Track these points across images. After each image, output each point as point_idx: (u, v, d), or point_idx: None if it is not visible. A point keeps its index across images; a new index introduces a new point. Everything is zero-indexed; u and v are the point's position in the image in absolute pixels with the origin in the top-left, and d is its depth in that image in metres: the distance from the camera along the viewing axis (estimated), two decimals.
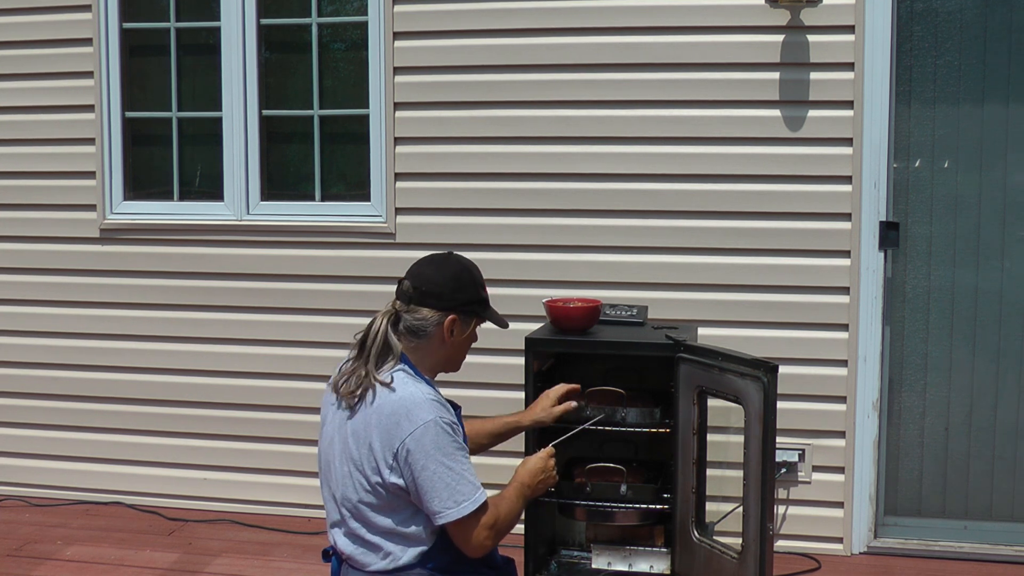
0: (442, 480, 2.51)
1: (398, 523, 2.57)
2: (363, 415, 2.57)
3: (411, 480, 2.52)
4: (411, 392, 2.56)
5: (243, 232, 4.68)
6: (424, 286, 2.66)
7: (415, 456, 2.50)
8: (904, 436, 4.28)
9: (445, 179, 4.48)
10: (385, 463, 2.53)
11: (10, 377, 4.96)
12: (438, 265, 2.72)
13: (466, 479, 2.54)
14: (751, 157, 4.22)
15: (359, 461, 2.56)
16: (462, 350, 2.76)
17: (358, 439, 2.57)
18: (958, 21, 4.14)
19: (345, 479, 2.60)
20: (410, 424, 2.51)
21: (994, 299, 4.19)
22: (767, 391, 3.04)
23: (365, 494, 2.57)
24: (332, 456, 2.65)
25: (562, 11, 4.32)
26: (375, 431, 2.54)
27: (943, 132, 4.18)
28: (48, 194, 4.86)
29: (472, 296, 2.71)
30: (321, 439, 2.75)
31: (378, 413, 2.54)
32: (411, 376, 2.62)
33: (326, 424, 2.72)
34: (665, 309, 4.20)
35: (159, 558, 4.25)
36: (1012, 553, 4.16)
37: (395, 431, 2.52)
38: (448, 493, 2.52)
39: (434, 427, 2.52)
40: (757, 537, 3.10)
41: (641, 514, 3.54)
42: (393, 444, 2.51)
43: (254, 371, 4.71)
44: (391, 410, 2.53)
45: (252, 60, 4.63)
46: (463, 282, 2.71)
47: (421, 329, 2.66)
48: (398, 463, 2.52)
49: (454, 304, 2.67)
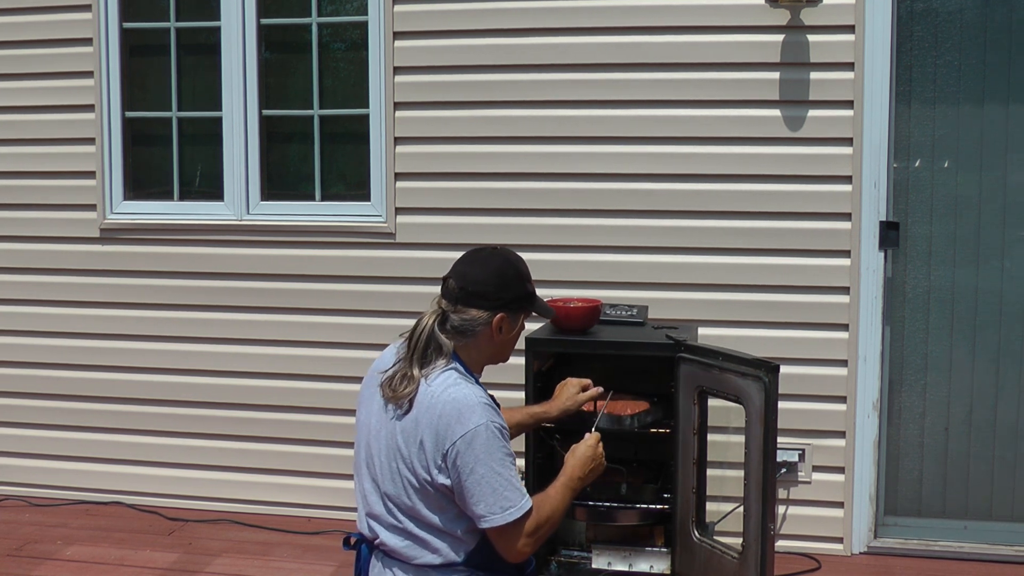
0: (489, 485, 2.49)
1: (445, 521, 2.56)
2: (414, 414, 2.54)
3: (457, 482, 2.50)
4: (464, 394, 2.53)
5: (243, 232, 4.68)
6: (470, 286, 2.62)
7: (464, 459, 2.48)
8: (904, 436, 4.28)
9: (445, 179, 4.48)
10: (434, 463, 2.51)
11: (10, 377, 4.96)
12: (483, 263, 2.67)
13: (513, 485, 2.53)
14: (751, 157, 4.22)
15: (408, 459, 2.54)
16: (511, 343, 2.73)
17: (408, 437, 2.55)
18: (958, 21, 4.14)
19: (394, 475, 2.57)
20: (461, 427, 2.49)
21: (994, 299, 4.19)
22: (768, 391, 3.04)
23: (414, 492, 2.55)
24: (378, 450, 2.61)
25: (562, 11, 4.32)
26: (426, 431, 2.52)
27: (943, 132, 4.18)
28: (48, 194, 4.85)
29: (518, 292, 2.68)
30: (360, 429, 2.70)
31: (430, 413, 2.52)
32: (462, 376, 2.59)
33: (370, 417, 2.66)
34: (665, 309, 4.20)
35: (159, 558, 4.25)
36: (1012, 553, 4.16)
37: (446, 432, 2.50)
38: (494, 499, 2.50)
39: (485, 431, 2.50)
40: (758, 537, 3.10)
41: (641, 514, 3.54)
42: (443, 445, 2.50)
43: (254, 371, 4.71)
44: (443, 411, 2.51)
45: (252, 60, 4.63)
46: (508, 278, 2.67)
47: (469, 329, 2.63)
48: (447, 464, 2.50)
49: (501, 303, 2.64)
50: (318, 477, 4.68)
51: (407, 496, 2.56)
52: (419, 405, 2.54)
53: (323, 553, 4.30)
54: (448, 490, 2.53)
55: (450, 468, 2.50)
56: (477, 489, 2.49)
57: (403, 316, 4.54)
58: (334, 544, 4.40)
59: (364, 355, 4.58)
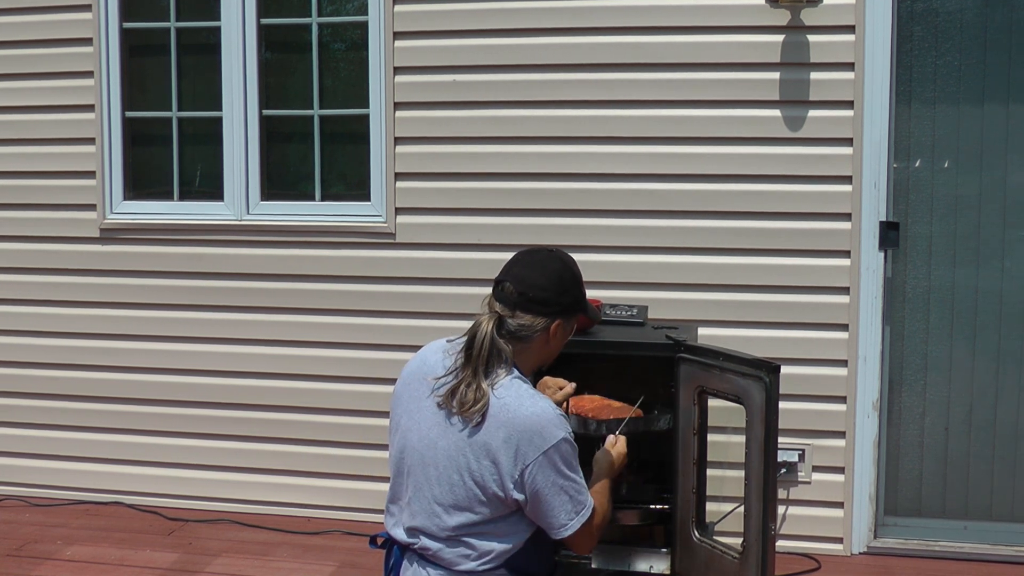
0: (567, 493, 2.51)
1: (500, 531, 2.55)
2: (487, 428, 2.49)
3: (534, 495, 2.49)
4: (543, 407, 2.50)
5: (243, 232, 4.67)
6: (530, 292, 2.56)
7: (546, 473, 2.48)
8: (904, 436, 4.28)
9: (445, 179, 4.48)
10: (511, 478, 2.48)
11: (10, 377, 4.96)
12: (542, 267, 2.61)
13: (583, 487, 2.56)
14: (751, 157, 4.22)
15: (478, 473, 2.49)
16: (560, 347, 2.70)
17: (479, 451, 2.49)
18: (958, 21, 4.14)
19: (455, 487, 2.52)
20: (544, 442, 2.47)
21: (994, 299, 4.19)
22: (769, 391, 3.04)
23: (479, 505, 2.51)
24: (435, 460, 2.54)
25: (562, 11, 4.32)
26: (504, 446, 2.47)
27: (943, 132, 4.18)
28: (48, 194, 4.85)
29: (576, 296, 2.66)
30: (406, 435, 2.61)
31: (508, 428, 2.47)
32: (526, 384, 2.55)
33: (421, 424, 2.58)
34: (665, 309, 4.20)
35: (159, 558, 4.25)
36: (1012, 553, 4.16)
37: (527, 447, 2.46)
38: (572, 505, 2.53)
39: (566, 444, 2.50)
40: (759, 537, 3.09)
41: (641, 514, 3.54)
42: (525, 460, 2.47)
43: (254, 371, 4.71)
44: (524, 426, 2.47)
45: (252, 60, 4.63)
46: (567, 284, 2.63)
47: (526, 336, 2.58)
48: (523, 480, 2.48)
49: (559, 308, 2.60)
50: (318, 477, 4.68)
51: (469, 508, 2.52)
52: (493, 419, 2.48)
53: (323, 553, 4.30)
54: (517, 504, 2.52)
55: (527, 483, 2.48)
56: (558, 500, 2.51)
57: (403, 316, 4.55)
58: (334, 544, 4.40)
59: (364, 355, 4.58)
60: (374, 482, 4.58)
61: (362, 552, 4.28)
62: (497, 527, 2.55)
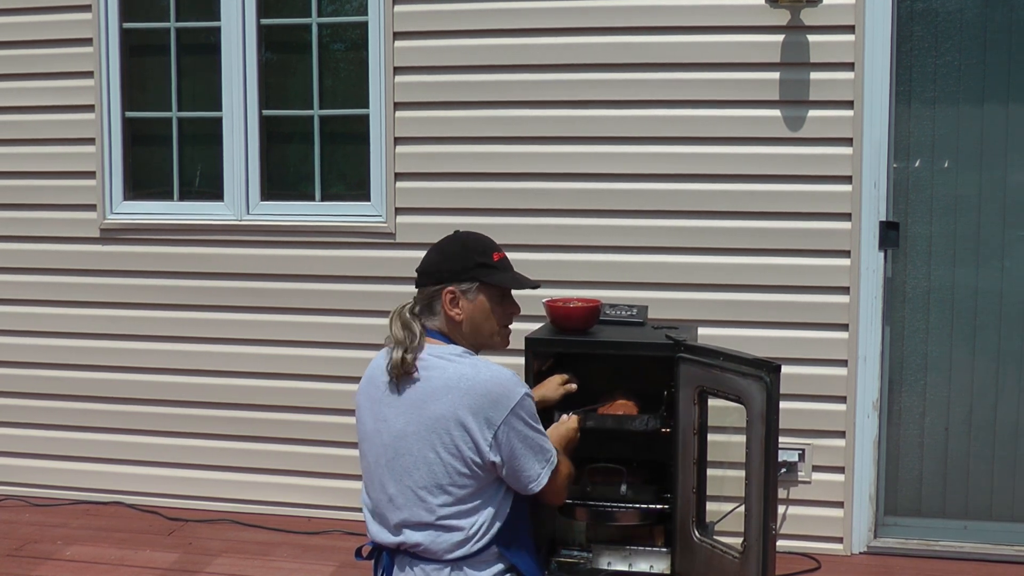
0: (538, 444, 2.64)
1: (480, 502, 2.61)
2: (451, 399, 2.57)
3: (510, 454, 2.59)
4: (498, 370, 2.62)
5: (243, 232, 4.68)
6: (422, 267, 2.77)
7: (517, 430, 2.59)
8: (904, 436, 4.28)
9: (445, 179, 4.48)
10: (486, 441, 2.56)
11: (10, 377, 4.96)
12: (437, 245, 2.80)
13: (547, 439, 2.70)
14: (751, 157, 4.22)
15: (452, 445, 2.57)
16: (484, 322, 2.73)
17: (449, 423, 2.57)
18: (958, 21, 4.14)
19: (432, 466, 2.58)
20: (509, 400, 2.58)
21: (994, 299, 4.19)
22: (769, 391, 3.04)
23: (460, 477, 2.58)
24: (407, 447, 2.60)
25: (562, 11, 4.32)
26: (468, 411, 2.56)
27: (943, 132, 4.18)
28: (48, 194, 4.86)
29: (465, 263, 2.72)
30: (371, 436, 2.69)
31: (472, 394, 2.56)
32: (475, 356, 2.68)
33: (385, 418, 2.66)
34: (665, 309, 4.20)
35: (159, 558, 4.25)
36: (1012, 553, 4.16)
37: (495, 409, 2.56)
38: (542, 455, 2.65)
39: (528, 399, 2.62)
40: (759, 537, 3.09)
41: (641, 514, 3.54)
42: (494, 421, 2.56)
43: (254, 371, 4.71)
44: (486, 389, 2.57)
45: (252, 60, 4.64)
46: (449, 252, 2.75)
47: (430, 308, 2.73)
48: (497, 440, 2.57)
49: (447, 275, 2.72)
50: (318, 477, 4.68)
51: (451, 483, 2.58)
52: (455, 390, 2.57)
53: (323, 553, 4.30)
54: (495, 468, 2.60)
55: (502, 443, 2.58)
56: (530, 452, 2.62)
57: None
58: (334, 544, 4.40)
59: (364, 355, 4.57)
60: None
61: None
62: (481, 501, 2.61)
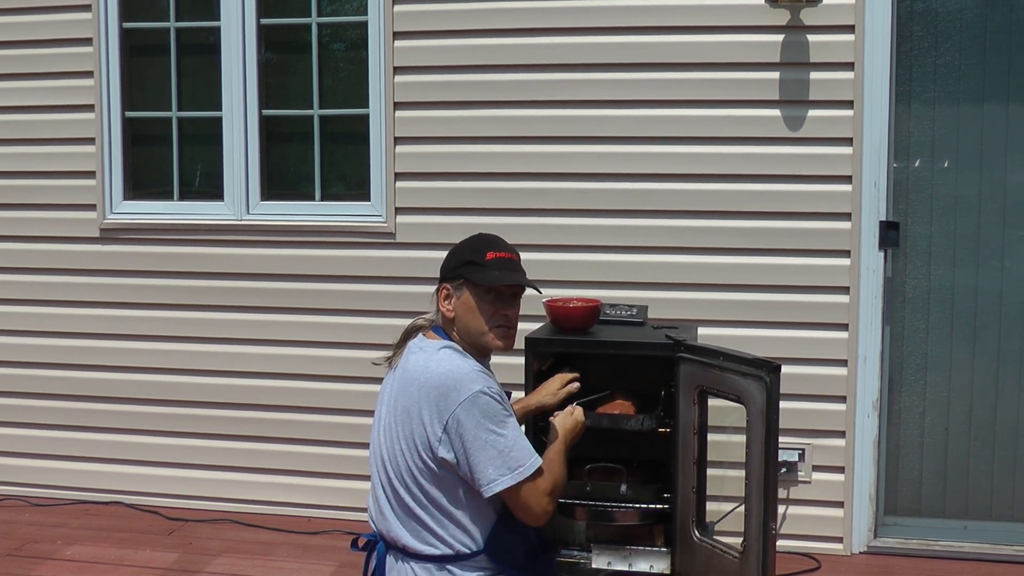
0: (494, 447, 2.52)
1: (450, 503, 2.58)
2: (413, 392, 2.59)
3: (461, 451, 2.53)
4: (458, 365, 2.59)
5: (243, 232, 4.68)
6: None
7: (465, 426, 2.51)
8: (904, 436, 4.28)
9: (445, 179, 4.48)
10: (435, 436, 2.54)
11: (10, 377, 4.96)
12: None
13: (520, 445, 2.56)
14: (751, 157, 4.22)
15: (410, 438, 2.58)
16: (471, 319, 2.70)
17: (409, 416, 2.59)
18: (958, 21, 4.14)
19: (399, 458, 2.61)
20: (458, 395, 2.53)
21: (994, 299, 4.19)
22: (769, 391, 3.04)
23: (418, 472, 2.58)
24: (388, 437, 2.65)
25: (562, 11, 4.32)
26: (424, 405, 2.56)
27: (943, 132, 4.18)
28: (48, 194, 4.85)
29: (457, 261, 2.74)
30: (376, 423, 2.77)
31: (427, 387, 2.57)
32: (458, 353, 2.66)
33: (380, 408, 2.75)
34: (665, 309, 4.20)
35: (159, 558, 4.25)
36: (1012, 553, 4.16)
37: (444, 403, 2.54)
38: (502, 460, 2.52)
39: (484, 396, 2.54)
40: (760, 536, 3.10)
41: (641, 514, 3.54)
42: (443, 416, 2.53)
43: (254, 371, 4.71)
44: (439, 383, 2.56)
45: (252, 60, 4.64)
46: (452, 251, 2.79)
47: (434, 306, 2.77)
48: (448, 435, 2.53)
49: (442, 273, 2.76)
50: (318, 477, 4.68)
51: (412, 479, 2.58)
52: (414, 382, 2.59)
53: (323, 553, 4.30)
54: (450, 465, 2.55)
55: (452, 438, 2.53)
56: (483, 454, 2.51)
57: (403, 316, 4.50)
58: (334, 544, 4.40)
59: (364, 355, 4.57)
60: None
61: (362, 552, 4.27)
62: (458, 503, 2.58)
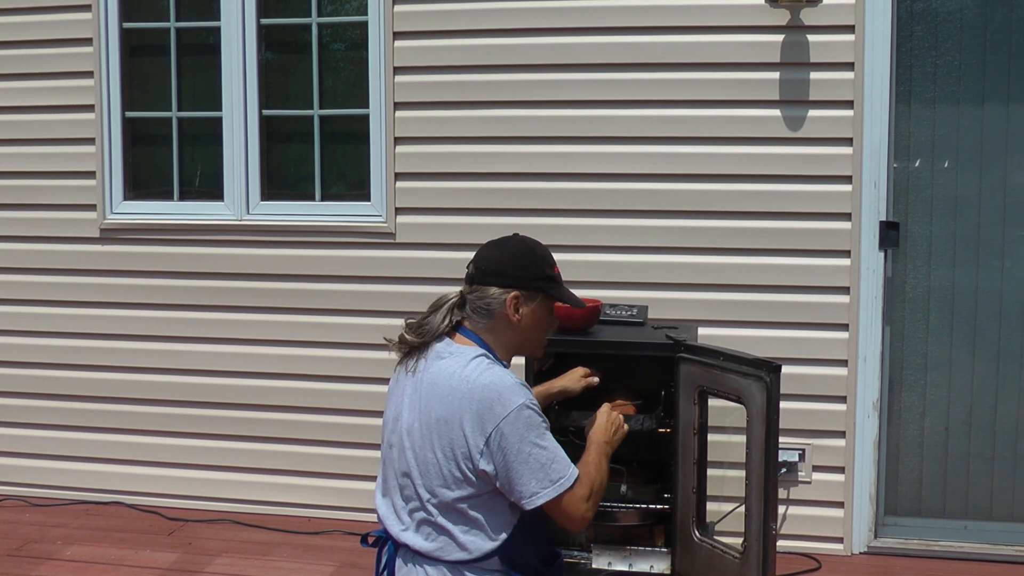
0: (537, 461, 2.52)
1: (481, 512, 2.57)
2: (453, 401, 2.55)
3: (503, 464, 2.52)
4: (500, 376, 2.56)
5: (243, 232, 4.68)
6: (484, 265, 2.69)
7: (509, 440, 2.51)
8: (904, 436, 4.28)
9: (445, 179, 4.48)
10: (477, 448, 2.52)
11: (10, 377, 4.96)
12: (499, 245, 2.75)
13: (559, 457, 2.56)
14: (751, 157, 4.22)
15: (448, 447, 2.55)
16: (535, 331, 2.73)
17: (448, 425, 2.55)
18: (958, 21, 4.14)
19: (429, 466, 2.58)
20: (503, 408, 2.52)
21: (994, 299, 4.19)
22: (770, 391, 3.04)
23: (452, 480, 2.55)
24: (411, 443, 2.61)
25: (562, 11, 4.32)
26: (467, 416, 2.53)
27: (943, 132, 4.18)
28: (48, 194, 4.85)
29: (535, 272, 2.71)
30: (388, 424, 2.71)
31: (469, 398, 2.53)
32: (492, 361, 2.63)
33: (401, 409, 2.67)
34: (665, 309, 4.20)
35: (159, 558, 4.25)
36: (1012, 553, 4.16)
37: (488, 416, 2.52)
38: (544, 473, 2.53)
39: (527, 410, 2.53)
40: (759, 537, 3.10)
41: (641, 514, 3.54)
42: (487, 428, 2.51)
43: (254, 371, 4.71)
44: (482, 395, 2.53)
45: (252, 60, 4.64)
46: (523, 258, 2.72)
47: (486, 308, 2.67)
48: (490, 448, 2.52)
49: (515, 280, 2.67)
50: (318, 477, 4.68)
51: (446, 485, 2.56)
52: (455, 391, 2.55)
53: (323, 553, 4.30)
54: (488, 477, 2.54)
55: (494, 452, 2.52)
56: (525, 468, 2.52)
57: (403, 316, 4.52)
58: (334, 544, 4.40)
59: (364, 355, 4.58)
60: (374, 482, 4.57)
61: (362, 552, 4.28)
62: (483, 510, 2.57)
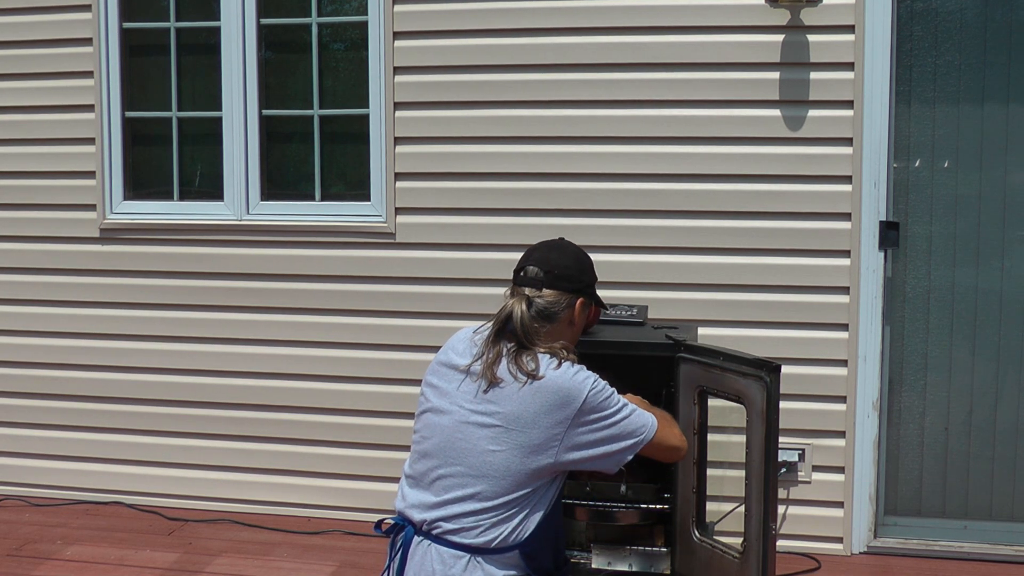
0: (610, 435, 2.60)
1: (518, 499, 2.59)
2: (525, 396, 2.57)
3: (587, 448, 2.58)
4: (564, 368, 2.61)
5: (243, 232, 4.68)
6: (555, 269, 2.71)
7: (588, 427, 2.57)
8: (904, 436, 4.28)
9: (445, 179, 4.48)
10: (555, 440, 2.56)
11: (10, 377, 4.96)
12: (561, 249, 2.78)
13: (629, 419, 2.64)
14: (751, 157, 4.22)
15: (520, 443, 2.56)
16: (580, 332, 2.80)
17: (519, 421, 2.57)
18: (958, 21, 4.14)
19: (496, 457, 2.57)
20: (580, 392, 2.57)
21: (994, 299, 4.20)
22: (770, 391, 3.04)
23: (515, 472, 2.56)
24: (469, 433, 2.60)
25: (562, 11, 4.32)
26: (540, 412, 2.56)
27: (943, 132, 4.18)
28: (48, 194, 4.85)
29: (593, 278, 2.80)
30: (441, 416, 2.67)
31: (542, 394, 2.56)
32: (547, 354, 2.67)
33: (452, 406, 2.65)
34: (665, 309, 4.20)
35: (159, 558, 4.25)
36: (1012, 553, 4.16)
37: (568, 405, 2.56)
38: (625, 440, 2.62)
39: (593, 395, 2.58)
40: (760, 536, 3.10)
41: (641, 514, 3.54)
42: (569, 416, 2.56)
43: (254, 371, 4.71)
44: (556, 388, 2.56)
45: (252, 60, 4.64)
46: (586, 264, 2.79)
47: (552, 313, 2.69)
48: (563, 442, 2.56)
49: (582, 286, 2.74)
50: (318, 477, 4.68)
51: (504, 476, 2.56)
52: (525, 388, 2.57)
53: (323, 553, 4.30)
54: (555, 471, 2.59)
55: (573, 442, 2.57)
56: (609, 445, 2.60)
57: (403, 316, 4.55)
58: (334, 544, 4.40)
59: (364, 355, 4.58)
60: (374, 482, 4.58)
61: (362, 552, 4.28)
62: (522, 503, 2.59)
